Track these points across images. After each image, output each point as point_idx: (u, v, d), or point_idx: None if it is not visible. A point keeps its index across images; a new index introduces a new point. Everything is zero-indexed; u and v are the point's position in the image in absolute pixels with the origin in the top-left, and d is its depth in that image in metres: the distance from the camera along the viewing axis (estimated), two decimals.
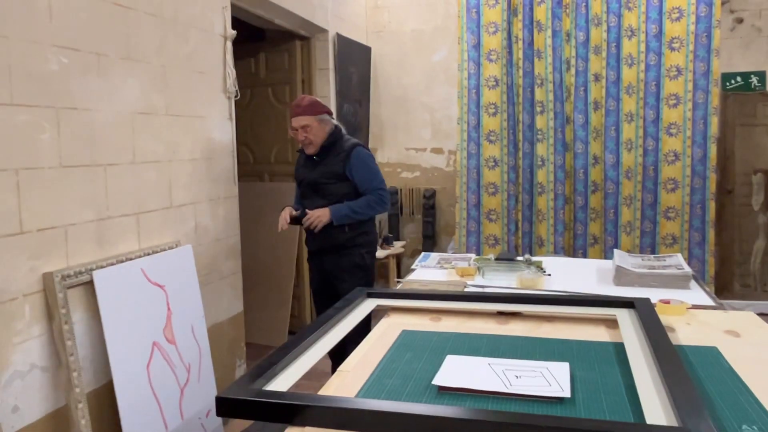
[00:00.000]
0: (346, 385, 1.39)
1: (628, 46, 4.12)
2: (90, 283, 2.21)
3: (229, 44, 3.18)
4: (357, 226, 3.01)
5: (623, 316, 1.75)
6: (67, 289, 2.11)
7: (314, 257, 3.13)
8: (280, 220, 3.00)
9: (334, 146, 3.00)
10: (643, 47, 4.10)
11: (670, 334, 1.54)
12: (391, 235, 5.17)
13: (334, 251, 3.01)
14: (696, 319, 1.82)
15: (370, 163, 3.06)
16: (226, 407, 1.24)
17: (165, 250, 2.62)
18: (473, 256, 2.89)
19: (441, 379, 1.36)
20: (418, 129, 5.47)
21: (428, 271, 2.67)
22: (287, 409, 1.19)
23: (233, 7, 3.31)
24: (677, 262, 2.44)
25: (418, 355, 1.57)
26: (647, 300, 1.81)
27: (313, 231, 2.98)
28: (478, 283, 2.39)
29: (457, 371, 1.39)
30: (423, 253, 3.00)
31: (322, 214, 2.92)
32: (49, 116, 2.08)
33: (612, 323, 1.77)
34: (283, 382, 1.37)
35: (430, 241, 5.37)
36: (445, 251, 4.93)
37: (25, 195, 1.98)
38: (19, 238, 1.96)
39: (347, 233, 2.99)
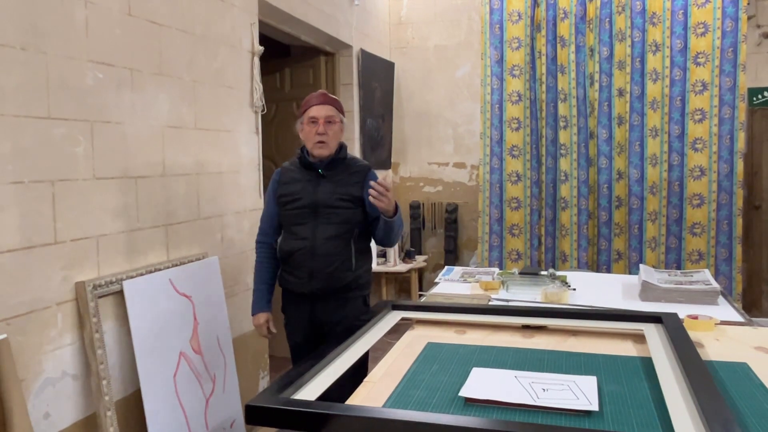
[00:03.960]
0: (372, 396, 1.40)
1: (653, 61, 4.11)
2: (119, 293, 2.25)
3: (257, 60, 3.24)
4: (363, 261, 2.41)
5: (651, 331, 1.74)
6: (98, 298, 2.15)
7: (300, 304, 2.38)
8: (262, 334, 2.51)
9: (343, 162, 2.41)
10: (667, 62, 4.08)
11: (698, 350, 1.53)
12: (413, 249, 5.17)
13: (335, 296, 2.34)
14: (725, 335, 1.80)
15: None
16: (255, 415, 1.26)
17: (192, 261, 2.66)
18: (497, 270, 2.89)
19: (468, 390, 1.36)
20: (440, 144, 5.48)
21: (452, 284, 2.67)
22: (315, 418, 1.21)
23: (261, 23, 3.37)
24: (705, 277, 2.42)
25: (444, 367, 1.57)
26: (675, 315, 1.80)
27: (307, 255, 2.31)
28: (502, 296, 2.39)
29: (484, 383, 1.40)
30: (446, 267, 3.00)
31: (391, 197, 2.19)
32: (84, 129, 2.13)
33: (638, 338, 1.76)
34: (310, 391, 1.38)
35: (452, 256, 5.37)
36: (467, 266, 4.92)
37: (60, 206, 2.04)
38: (53, 248, 2.01)
39: (353, 271, 2.35)
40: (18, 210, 1.88)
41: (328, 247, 2.32)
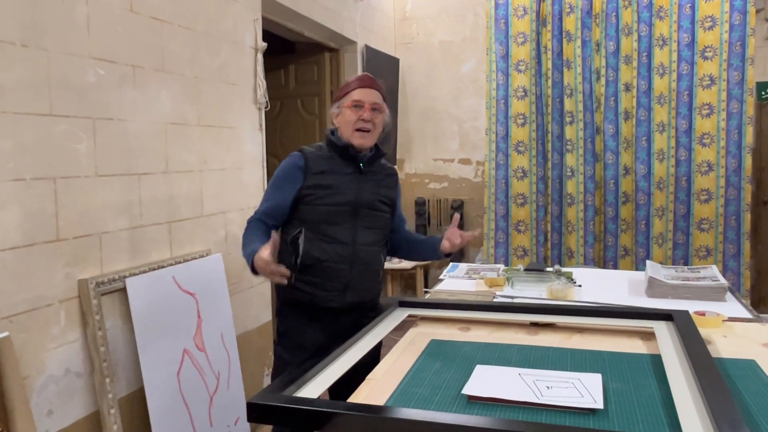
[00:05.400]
0: (375, 394, 1.39)
1: (660, 56, 4.07)
2: (122, 290, 2.25)
3: (260, 56, 3.23)
4: (383, 269, 2.18)
5: (661, 328, 1.72)
6: (101, 295, 2.15)
7: (320, 320, 2.02)
8: (273, 273, 1.77)
9: (377, 162, 2.15)
10: (675, 56, 4.04)
11: (707, 347, 1.51)
12: None
13: (360, 309, 2.03)
14: (733, 331, 1.78)
15: None
16: (257, 413, 1.25)
17: (196, 258, 2.65)
18: (502, 266, 2.87)
19: (471, 388, 1.35)
20: (446, 140, 5.46)
21: (457, 281, 2.65)
22: (317, 416, 1.19)
23: (264, 20, 3.36)
24: (712, 273, 2.39)
25: (447, 364, 1.56)
26: (686, 312, 1.78)
27: (350, 277, 1.99)
28: (507, 293, 2.37)
29: (488, 381, 1.38)
30: (451, 264, 2.98)
31: None
32: (86, 126, 2.13)
33: (646, 335, 1.74)
34: (313, 389, 1.37)
35: (458, 252, 5.34)
36: (473, 262, 4.90)
37: (62, 203, 2.03)
38: (56, 245, 2.01)
39: (379, 282, 2.15)
40: (20, 207, 1.88)
41: (368, 255, 2.03)
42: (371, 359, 1.67)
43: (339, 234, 1.98)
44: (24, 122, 1.89)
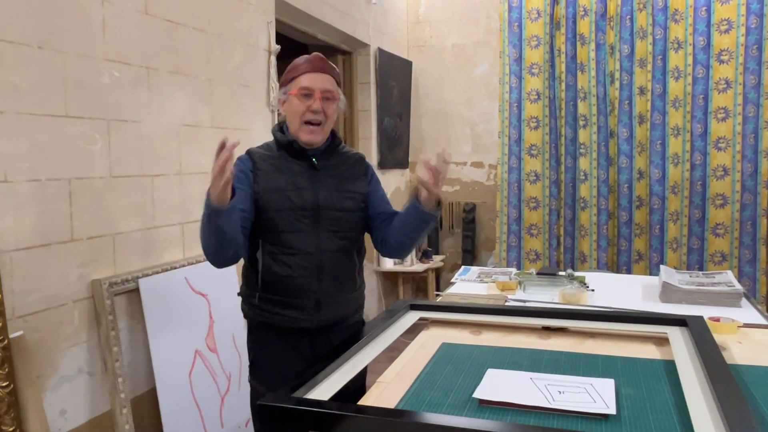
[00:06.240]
0: (385, 397, 1.39)
1: (675, 59, 4.04)
2: (135, 291, 2.26)
3: (273, 59, 3.24)
4: (362, 275, 1.92)
5: (675, 334, 1.70)
6: (114, 296, 2.16)
7: (294, 343, 1.77)
8: (218, 163, 1.55)
9: (335, 152, 1.85)
10: (690, 60, 4.01)
11: (722, 353, 1.49)
12: (430, 249, 5.15)
13: (341, 324, 1.83)
14: (748, 337, 1.75)
15: None
16: (267, 414, 1.24)
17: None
18: (514, 270, 2.86)
19: (482, 392, 1.34)
20: (458, 143, 5.45)
21: (468, 284, 2.64)
22: (328, 418, 1.19)
23: (278, 22, 3.37)
24: (727, 279, 2.36)
25: (459, 368, 1.55)
26: (700, 318, 1.75)
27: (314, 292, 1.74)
28: (519, 297, 2.35)
29: (499, 385, 1.37)
30: (463, 267, 2.97)
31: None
32: (101, 128, 2.14)
33: (660, 341, 1.72)
34: (324, 391, 1.37)
35: (470, 256, 5.33)
36: (485, 266, 4.88)
37: (77, 204, 2.05)
38: (70, 245, 2.02)
39: (357, 290, 1.89)
40: (35, 208, 1.90)
41: (337, 264, 1.78)
42: (358, 386, 1.60)
43: (300, 243, 1.71)
44: (40, 123, 1.91)
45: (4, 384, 1.72)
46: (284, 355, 1.77)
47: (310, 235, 1.73)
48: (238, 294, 1.90)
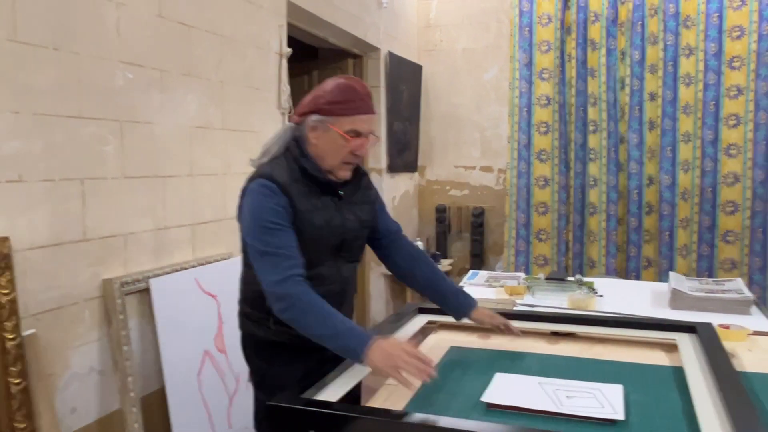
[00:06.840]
0: (393, 399, 1.39)
1: (686, 65, 4.03)
2: (146, 291, 2.28)
3: (284, 62, 3.26)
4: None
5: (684, 340, 1.70)
6: (125, 295, 2.18)
7: (305, 358, 1.66)
8: (420, 369, 1.36)
9: (358, 183, 1.81)
10: (701, 66, 4.00)
11: (731, 360, 1.49)
12: (438, 253, 5.15)
13: None
14: (758, 345, 1.75)
15: None
16: (276, 414, 1.26)
17: (218, 260, 2.67)
18: (522, 275, 2.86)
19: (490, 396, 1.34)
20: (467, 147, 5.45)
21: (477, 289, 2.64)
22: (336, 420, 1.20)
23: (289, 26, 3.39)
24: (737, 286, 2.35)
25: (467, 371, 1.55)
26: (709, 325, 1.75)
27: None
28: (527, 302, 2.36)
29: (507, 389, 1.38)
30: (471, 271, 2.97)
31: None
32: (114, 129, 2.17)
33: (669, 347, 1.71)
34: (332, 392, 1.38)
35: (478, 260, 5.33)
36: (493, 270, 4.88)
37: (90, 204, 2.07)
38: (82, 245, 2.04)
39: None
40: (48, 207, 1.92)
41: (351, 287, 1.81)
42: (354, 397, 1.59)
43: (326, 273, 1.68)
44: (54, 124, 1.93)
45: (17, 381, 1.74)
46: (297, 370, 1.67)
47: (333, 266, 1.71)
48: (241, 313, 1.80)
